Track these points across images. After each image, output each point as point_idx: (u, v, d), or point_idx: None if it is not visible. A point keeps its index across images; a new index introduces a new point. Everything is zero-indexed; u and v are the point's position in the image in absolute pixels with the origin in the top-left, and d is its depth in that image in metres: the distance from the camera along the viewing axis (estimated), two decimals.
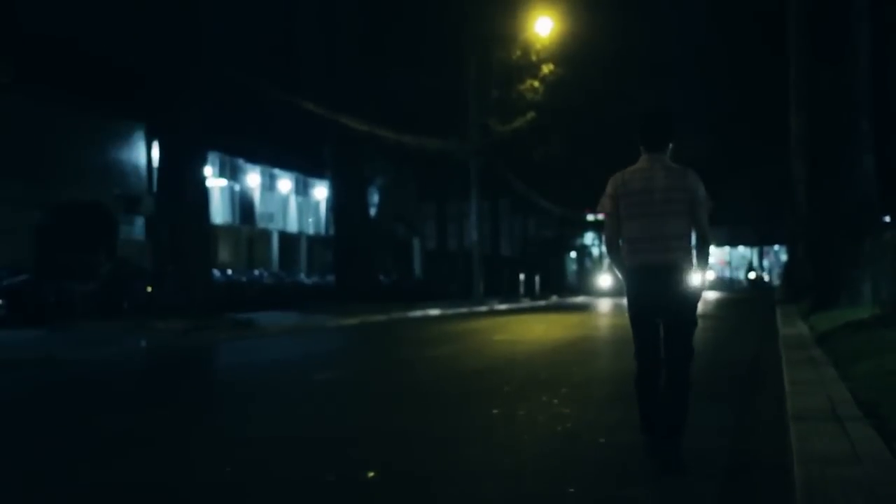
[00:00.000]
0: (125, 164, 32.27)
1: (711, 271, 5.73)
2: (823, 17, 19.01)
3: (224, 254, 38.64)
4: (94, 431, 7.48)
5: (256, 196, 41.87)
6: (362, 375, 11.68)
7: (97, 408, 9.15)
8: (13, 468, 6.14)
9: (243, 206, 40.96)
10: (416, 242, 51.23)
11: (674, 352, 5.55)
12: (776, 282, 75.17)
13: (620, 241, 5.69)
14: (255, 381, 11.37)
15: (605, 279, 36.11)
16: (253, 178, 41.10)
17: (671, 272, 5.49)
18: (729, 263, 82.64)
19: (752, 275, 69.67)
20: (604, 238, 5.94)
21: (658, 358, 5.60)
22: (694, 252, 5.63)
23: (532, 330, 19.49)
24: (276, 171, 43.31)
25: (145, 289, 22.00)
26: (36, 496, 5.34)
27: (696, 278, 5.61)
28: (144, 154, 32.80)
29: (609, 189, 5.66)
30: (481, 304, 33.10)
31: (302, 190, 46.25)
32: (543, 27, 33.86)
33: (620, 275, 5.80)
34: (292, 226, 45.28)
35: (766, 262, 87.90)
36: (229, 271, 32.70)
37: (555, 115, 35.18)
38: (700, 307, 5.79)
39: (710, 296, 42.91)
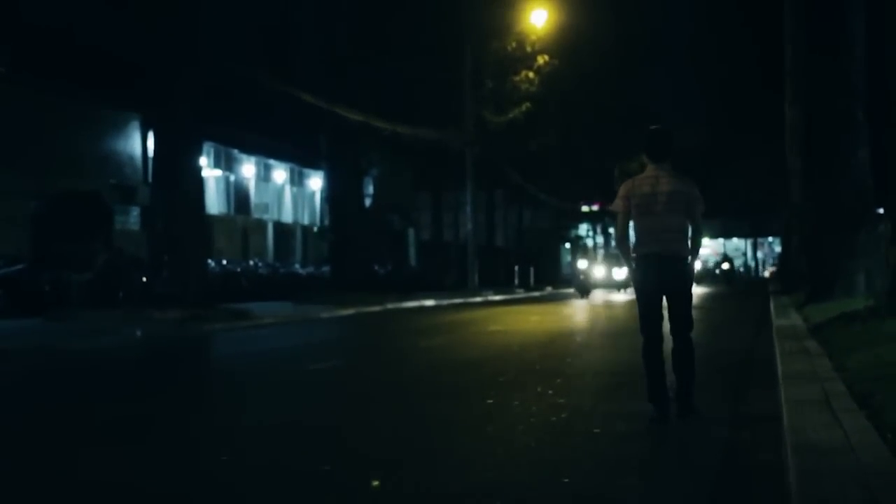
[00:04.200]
0: (121, 154, 32.22)
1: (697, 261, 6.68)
2: (819, 6, 18.99)
3: (219, 244, 38.62)
4: (92, 419, 7.49)
5: (251, 186, 41.84)
6: (357, 365, 11.71)
7: (95, 397, 9.15)
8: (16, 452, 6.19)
9: (238, 196, 40.93)
10: (411, 233, 51.19)
11: (678, 322, 6.78)
12: (763, 273, 73.68)
13: (630, 235, 6.83)
14: (250, 370, 11.40)
15: (598, 270, 35.97)
16: (248, 169, 41.06)
17: (672, 258, 6.69)
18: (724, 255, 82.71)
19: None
20: (616, 231, 7.11)
21: (661, 331, 6.76)
22: (689, 242, 6.77)
23: (527, 321, 19.50)
24: (272, 161, 43.27)
25: (141, 279, 21.99)
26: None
27: (691, 263, 6.83)
28: (140, 144, 32.76)
29: (622, 192, 6.80)
30: (476, 294, 33.12)
31: (297, 180, 46.22)
32: (538, 18, 33.92)
33: (626, 263, 7.00)
34: (287, 216, 45.25)
35: (759, 254, 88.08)
36: (224, 261, 32.70)
37: (550, 106, 35.14)
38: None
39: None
